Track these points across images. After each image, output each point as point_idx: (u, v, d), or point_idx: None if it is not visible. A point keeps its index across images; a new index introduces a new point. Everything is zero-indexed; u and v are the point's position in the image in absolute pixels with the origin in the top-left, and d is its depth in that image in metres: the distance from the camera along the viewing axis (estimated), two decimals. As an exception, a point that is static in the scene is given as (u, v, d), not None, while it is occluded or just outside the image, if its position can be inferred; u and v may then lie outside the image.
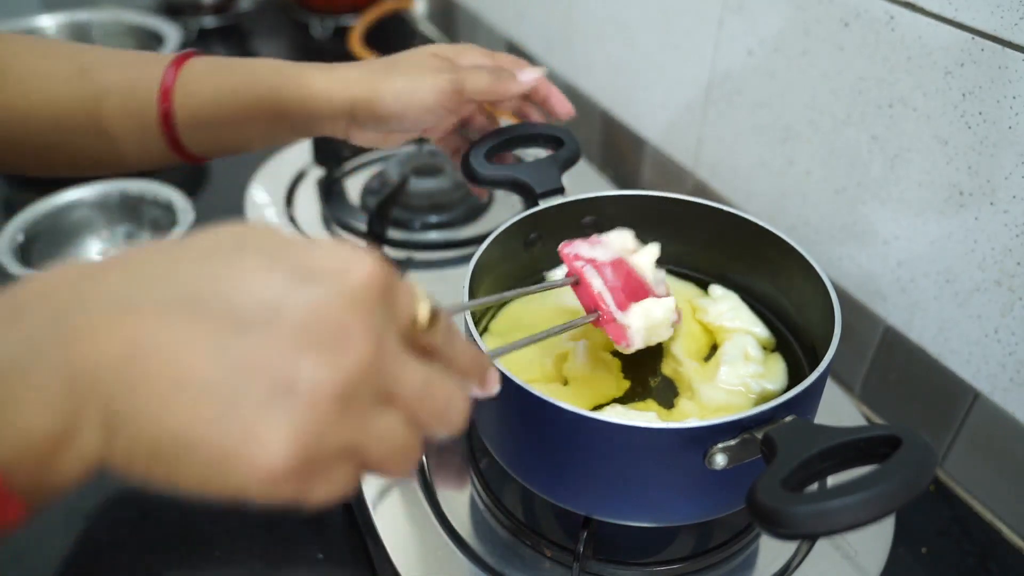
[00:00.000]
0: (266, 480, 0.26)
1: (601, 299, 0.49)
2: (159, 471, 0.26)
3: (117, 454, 0.25)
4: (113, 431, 0.25)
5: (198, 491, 0.27)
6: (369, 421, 0.28)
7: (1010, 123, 0.54)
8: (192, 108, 0.55)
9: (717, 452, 0.42)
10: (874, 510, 0.33)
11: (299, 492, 0.27)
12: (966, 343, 0.62)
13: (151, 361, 0.25)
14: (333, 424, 0.27)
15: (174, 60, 0.55)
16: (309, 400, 0.26)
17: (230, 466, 0.26)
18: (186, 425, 0.25)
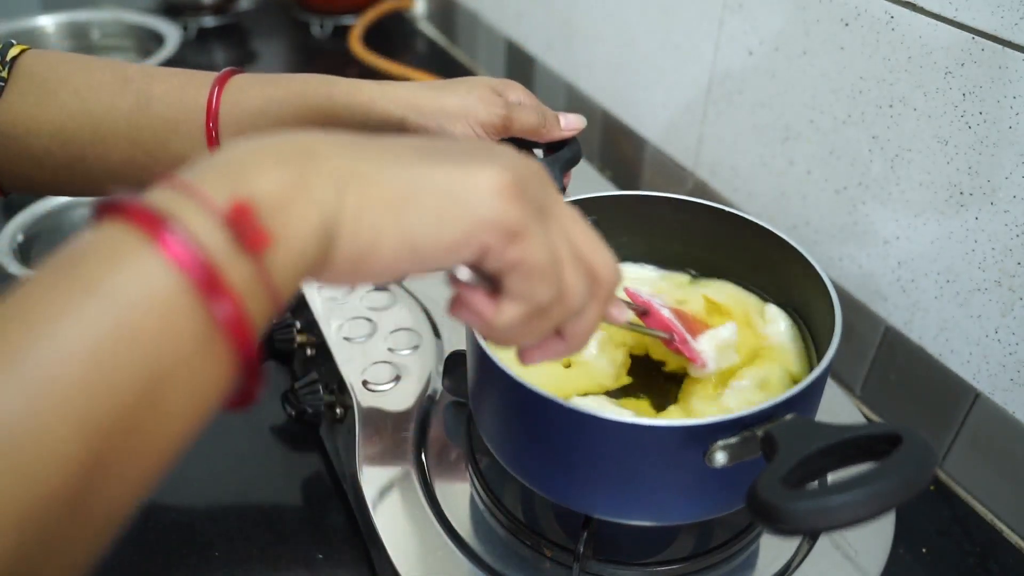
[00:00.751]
0: (497, 194, 0.30)
1: (672, 324, 0.52)
2: (393, 217, 0.29)
3: (351, 206, 0.28)
4: (345, 187, 0.29)
5: (433, 231, 0.30)
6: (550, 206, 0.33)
7: (1010, 123, 0.54)
8: (238, 119, 0.55)
9: (717, 450, 0.42)
10: (874, 507, 0.34)
11: (523, 219, 0.31)
12: (966, 343, 0.62)
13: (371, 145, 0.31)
14: (528, 177, 0.32)
15: (219, 76, 0.55)
16: (509, 159, 0.32)
17: (464, 190, 0.30)
18: (418, 169, 0.30)
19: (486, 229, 0.30)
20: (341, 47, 1.32)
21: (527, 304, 0.33)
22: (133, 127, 0.53)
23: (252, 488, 0.63)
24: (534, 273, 0.32)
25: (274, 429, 0.68)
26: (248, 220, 0.26)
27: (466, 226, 0.30)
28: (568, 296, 0.34)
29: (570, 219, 0.34)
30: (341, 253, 0.29)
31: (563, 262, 0.33)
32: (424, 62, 1.31)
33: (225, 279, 0.25)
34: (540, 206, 0.32)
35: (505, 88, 0.60)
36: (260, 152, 0.28)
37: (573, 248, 0.34)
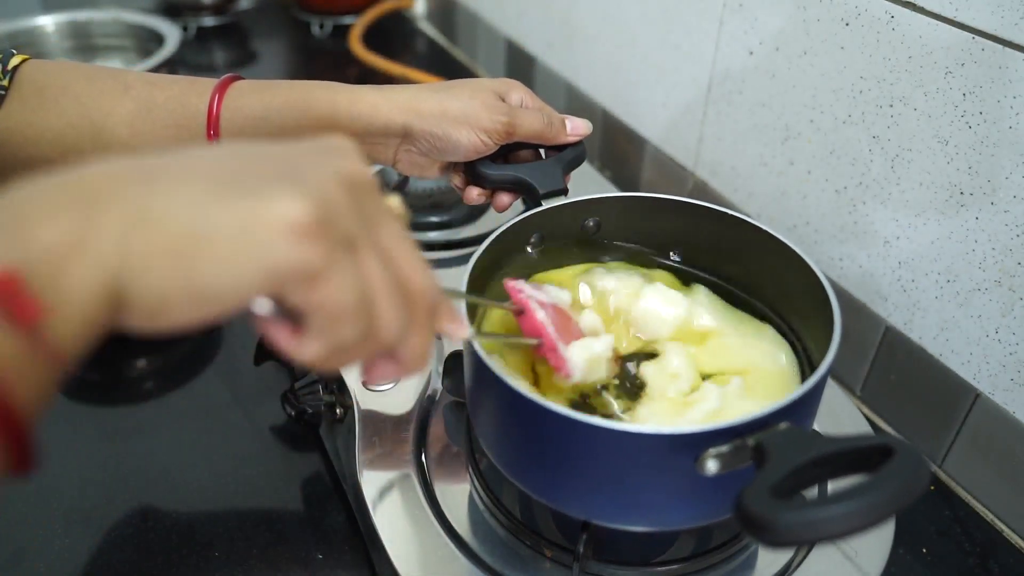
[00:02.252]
0: (292, 232, 0.27)
1: (544, 329, 0.50)
2: (180, 269, 0.27)
3: (136, 260, 0.26)
4: (129, 237, 0.26)
5: (223, 279, 0.27)
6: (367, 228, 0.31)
7: (1010, 123, 0.54)
8: (239, 124, 0.54)
9: (709, 458, 0.41)
10: (861, 520, 0.33)
11: (323, 259, 0.28)
12: (967, 343, 0.62)
13: (164, 173, 0.28)
14: (339, 200, 0.29)
15: (220, 82, 0.55)
16: (315, 178, 0.29)
17: (254, 232, 0.27)
18: (206, 207, 0.27)
19: (278, 274, 0.27)
20: (341, 47, 1.31)
21: (331, 342, 0.30)
22: (134, 134, 0.53)
23: (252, 488, 0.63)
24: (336, 315, 0.29)
25: (274, 429, 0.67)
26: (15, 292, 0.24)
27: (256, 272, 0.27)
28: (380, 330, 0.31)
29: (391, 238, 0.32)
30: (131, 308, 0.27)
31: (374, 296, 0.30)
32: (424, 62, 1.31)
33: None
34: (348, 237, 0.29)
35: (508, 90, 0.60)
36: (40, 199, 0.26)
37: (390, 274, 0.31)
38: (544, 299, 0.52)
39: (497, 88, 0.59)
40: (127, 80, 0.54)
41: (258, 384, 0.71)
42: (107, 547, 0.58)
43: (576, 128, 0.61)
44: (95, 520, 0.60)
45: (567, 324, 0.53)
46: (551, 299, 0.54)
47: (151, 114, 0.53)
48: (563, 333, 0.52)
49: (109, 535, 0.59)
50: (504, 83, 0.60)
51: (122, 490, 0.62)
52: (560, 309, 0.54)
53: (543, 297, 0.53)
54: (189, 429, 0.67)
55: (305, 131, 0.55)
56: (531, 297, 0.51)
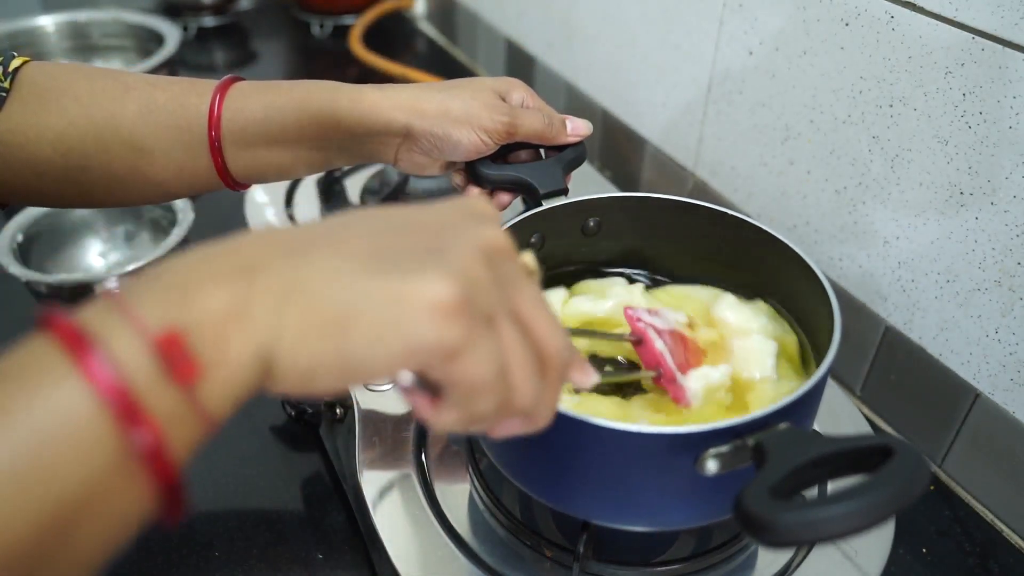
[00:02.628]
0: (438, 312, 0.29)
1: (663, 359, 0.50)
2: (330, 343, 0.28)
3: (289, 330, 0.28)
4: (284, 308, 0.28)
5: (370, 354, 0.28)
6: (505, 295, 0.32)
7: (1010, 123, 0.54)
8: (241, 126, 0.54)
9: (709, 458, 0.41)
10: (861, 521, 0.33)
11: (464, 339, 0.29)
12: (967, 343, 0.62)
13: (316, 245, 0.30)
14: (481, 276, 0.31)
15: (221, 83, 0.55)
16: (458, 253, 0.31)
17: (402, 311, 0.28)
18: (356, 284, 0.29)
19: (423, 351, 0.29)
20: (341, 47, 1.31)
21: (468, 412, 0.32)
22: (135, 136, 0.53)
23: (252, 488, 0.63)
24: (472, 390, 0.31)
25: (274, 429, 0.68)
26: (178, 350, 0.26)
27: (403, 348, 0.29)
28: (515, 400, 0.32)
29: (527, 304, 0.33)
30: (281, 377, 0.28)
31: (510, 368, 0.32)
32: (424, 62, 1.31)
33: (146, 408, 0.25)
34: (488, 312, 0.31)
35: (509, 89, 0.59)
36: (201, 269, 0.28)
37: (526, 342, 0.32)
38: (661, 325, 0.52)
39: (498, 87, 0.59)
40: (128, 81, 0.54)
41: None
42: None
43: (576, 128, 0.61)
44: (95, 520, 0.60)
45: (685, 348, 0.53)
46: (668, 324, 0.53)
47: (152, 115, 0.53)
48: (681, 360, 0.51)
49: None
50: (505, 82, 0.60)
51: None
52: (678, 333, 0.53)
53: (660, 324, 0.52)
54: (189, 429, 0.67)
55: (306, 130, 0.55)
56: (649, 326, 0.51)
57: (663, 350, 0.51)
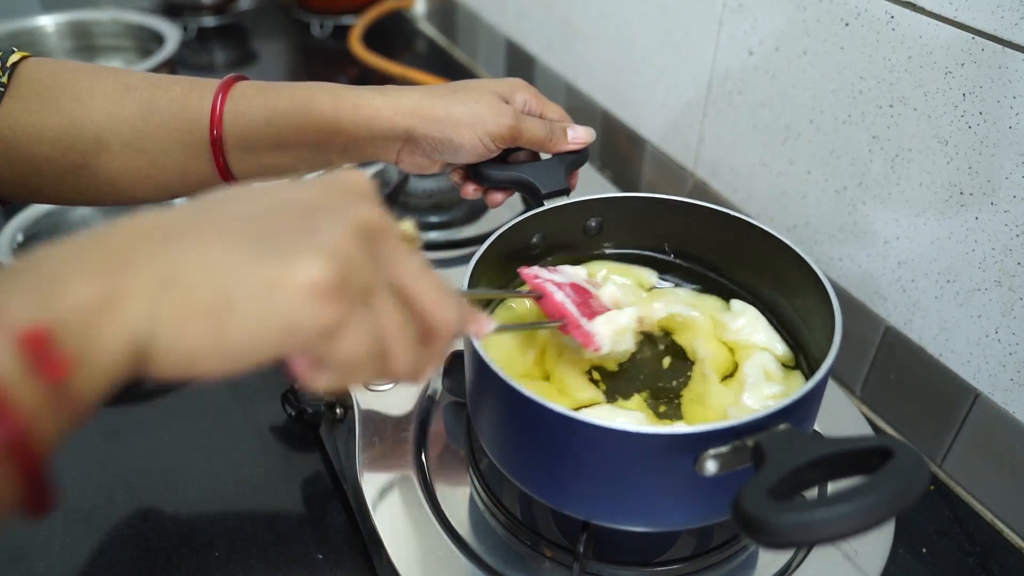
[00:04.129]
0: (313, 294, 0.29)
1: (564, 307, 0.51)
2: (208, 330, 0.28)
3: (165, 320, 0.27)
4: (158, 298, 0.27)
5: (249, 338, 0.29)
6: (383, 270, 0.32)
7: (1010, 123, 0.54)
8: (243, 127, 0.54)
9: (708, 459, 0.41)
10: (859, 522, 0.33)
11: (341, 317, 0.30)
12: (966, 343, 0.62)
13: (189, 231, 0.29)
14: (355, 255, 0.31)
15: (222, 83, 0.55)
16: (332, 233, 0.30)
17: (277, 295, 0.29)
18: (231, 270, 0.28)
19: (300, 333, 0.29)
20: (341, 47, 1.31)
21: (345, 379, 0.32)
22: (136, 135, 0.53)
23: (252, 488, 0.63)
24: (350, 364, 0.31)
25: (274, 429, 0.68)
26: (44, 348, 0.25)
27: (280, 332, 0.29)
28: (393, 368, 0.33)
29: (407, 276, 0.33)
30: (159, 365, 0.28)
31: (388, 342, 0.32)
32: (424, 62, 1.31)
33: (10, 402, 0.25)
34: (365, 289, 0.31)
35: (512, 91, 0.59)
36: (71, 260, 0.28)
37: (407, 314, 0.33)
38: (560, 280, 0.53)
39: (501, 91, 0.59)
40: (129, 81, 0.54)
41: (258, 384, 0.71)
42: (107, 547, 0.58)
43: (578, 136, 0.61)
44: (95, 520, 0.60)
45: (587, 299, 0.54)
46: (567, 278, 0.54)
47: (153, 115, 0.53)
48: (584, 309, 0.52)
49: (109, 535, 0.59)
50: (508, 84, 0.60)
51: (122, 490, 0.62)
52: (578, 285, 0.54)
53: (559, 278, 0.53)
54: (189, 429, 0.67)
55: (308, 135, 0.55)
56: (547, 280, 0.52)
57: (564, 300, 0.51)
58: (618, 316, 0.53)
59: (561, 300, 0.51)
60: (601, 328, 0.52)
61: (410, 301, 0.33)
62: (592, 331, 0.51)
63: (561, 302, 0.51)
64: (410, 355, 0.33)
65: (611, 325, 0.52)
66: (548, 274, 0.53)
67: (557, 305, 0.51)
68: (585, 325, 0.51)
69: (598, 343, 0.51)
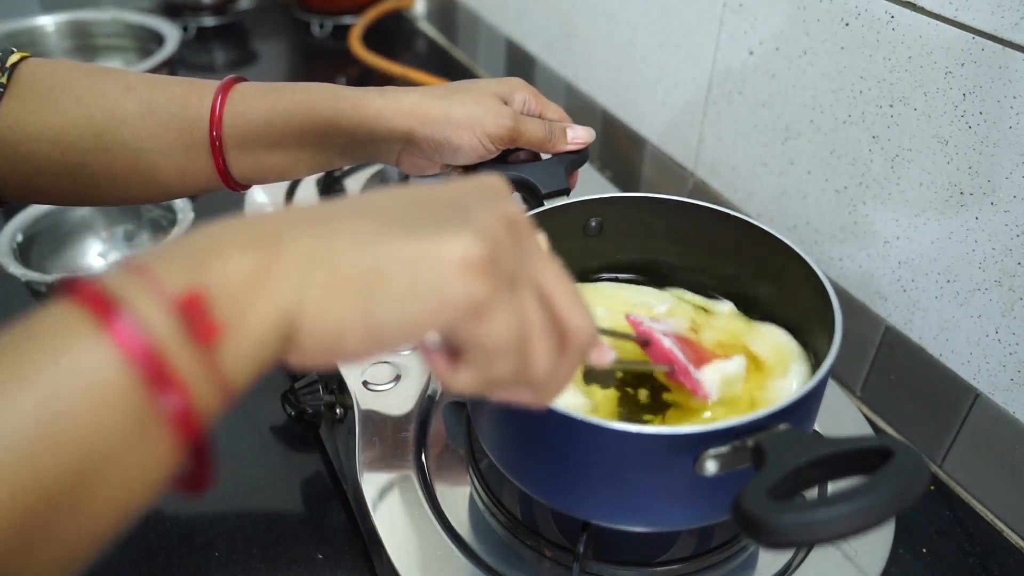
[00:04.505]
0: (465, 268, 0.29)
1: (673, 354, 0.51)
2: (356, 304, 0.28)
3: (313, 294, 0.28)
4: (308, 274, 0.28)
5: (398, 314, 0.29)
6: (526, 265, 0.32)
7: (1011, 123, 0.54)
8: (242, 129, 0.54)
9: (708, 459, 0.41)
10: (859, 522, 0.33)
11: (491, 295, 0.30)
12: (967, 343, 0.62)
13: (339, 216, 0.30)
14: (504, 240, 0.31)
15: (222, 84, 0.55)
16: (481, 218, 0.31)
17: (429, 268, 0.29)
18: (381, 246, 0.29)
19: (450, 309, 0.29)
20: (341, 47, 1.31)
21: (485, 375, 0.32)
22: (136, 136, 0.53)
23: (252, 488, 0.63)
24: (494, 351, 0.31)
25: (274, 429, 0.67)
26: (199, 311, 0.26)
27: (431, 307, 0.29)
28: (532, 368, 0.33)
29: (549, 277, 0.33)
30: (305, 344, 0.28)
31: (530, 334, 0.32)
32: (424, 62, 1.31)
33: (172, 369, 0.25)
34: (512, 275, 0.31)
35: (512, 92, 0.59)
36: (225, 237, 0.28)
37: (546, 312, 0.33)
38: (664, 328, 0.53)
39: (501, 91, 0.59)
40: (129, 81, 0.54)
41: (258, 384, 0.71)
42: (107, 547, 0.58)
43: (577, 137, 0.61)
44: (95, 520, 0.60)
45: (692, 349, 0.53)
46: (670, 328, 0.54)
47: (153, 116, 0.53)
48: (691, 355, 0.52)
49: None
50: (508, 84, 0.60)
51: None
52: (683, 337, 0.54)
53: (662, 327, 0.53)
54: (189, 429, 0.67)
55: (307, 136, 0.55)
56: (653, 329, 0.52)
57: (672, 346, 0.51)
58: (727, 365, 0.53)
59: (669, 347, 0.51)
60: (709, 376, 0.52)
61: (548, 301, 0.33)
62: (700, 379, 0.51)
63: (669, 349, 0.51)
64: (550, 355, 0.33)
65: (719, 373, 0.52)
66: (652, 323, 0.53)
67: (666, 352, 0.51)
68: (694, 373, 0.51)
69: (706, 390, 0.51)
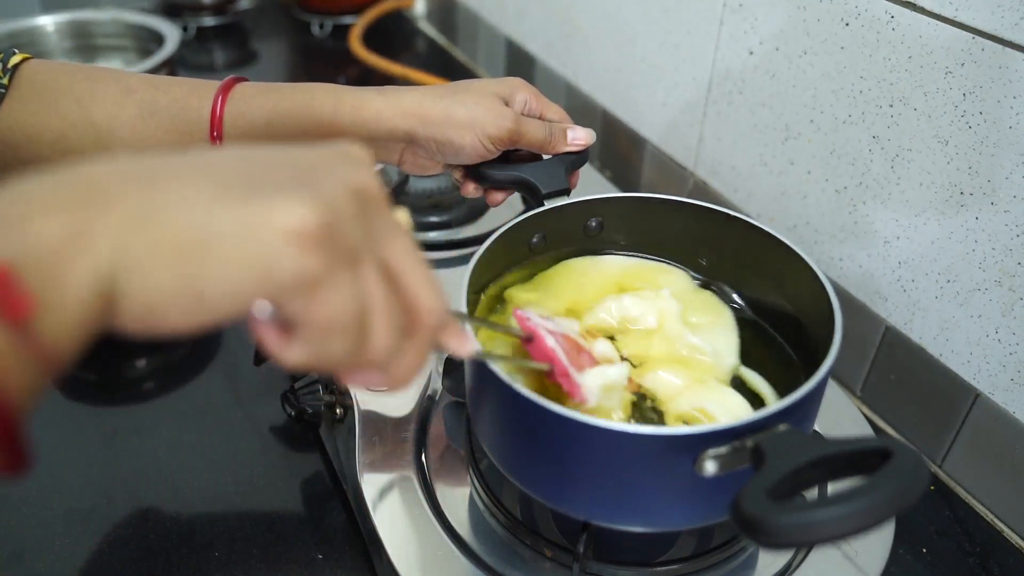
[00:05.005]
0: (295, 238, 0.27)
1: (554, 354, 0.50)
2: (179, 270, 0.26)
3: (135, 258, 0.26)
4: (130, 236, 0.26)
5: (222, 282, 0.27)
6: (373, 241, 0.30)
7: (1011, 123, 0.54)
8: (243, 129, 0.54)
9: (707, 459, 0.41)
10: (858, 523, 0.33)
11: (324, 270, 0.28)
12: (967, 343, 0.62)
13: (167, 173, 0.28)
14: (346, 212, 0.29)
15: (223, 85, 0.55)
16: (324, 186, 0.29)
17: (258, 235, 0.27)
18: (208, 209, 0.27)
19: (278, 280, 0.27)
20: (341, 47, 1.31)
21: (318, 351, 0.30)
22: (136, 137, 0.53)
23: (252, 488, 0.63)
24: (327, 328, 0.29)
25: (274, 429, 0.67)
26: (7, 285, 0.24)
27: (258, 276, 0.27)
28: (369, 348, 0.31)
29: (399, 254, 0.31)
30: (126, 308, 0.26)
31: (369, 313, 0.30)
32: (424, 62, 1.31)
33: None
34: (353, 249, 0.29)
35: (513, 92, 0.59)
36: (38, 195, 0.26)
37: (392, 292, 0.31)
38: (553, 327, 0.52)
39: (501, 92, 0.59)
40: (129, 83, 0.54)
41: (258, 384, 0.71)
42: (107, 547, 0.58)
43: (577, 138, 0.61)
44: (95, 520, 0.60)
45: (578, 352, 0.53)
46: (560, 328, 0.53)
47: (153, 117, 0.53)
48: (574, 360, 0.51)
49: (109, 535, 0.59)
50: (508, 84, 0.60)
51: (122, 490, 0.62)
52: (570, 337, 0.53)
53: (552, 326, 0.52)
54: (189, 429, 0.67)
55: (309, 136, 0.55)
56: (539, 325, 0.51)
57: (554, 346, 0.50)
58: (608, 371, 0.52)
59: (551, 346, 0.50)
60: (590, 381, 0.51)
61: (396, 279, 0.31)
62: (580, 382, 0.50)
63: (552, 348, 0.50)
64: (390, 339, 0.31)
65: (600, 379, 0.51)
66: (540, 320, 0.52)
67: (547, 351, 0.50)
68: (574, 375, 0.50)
69: (584, 395, 0.50)
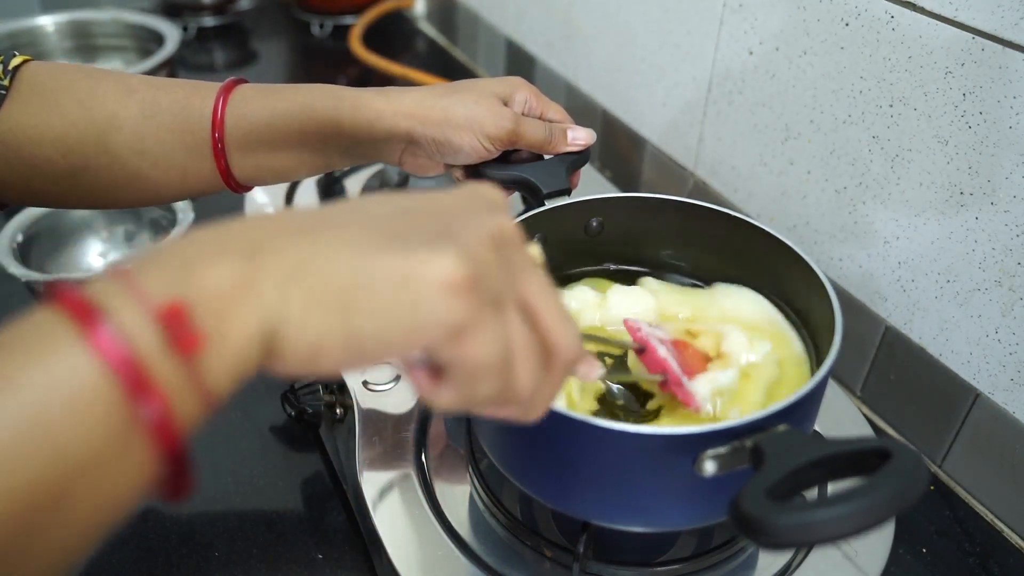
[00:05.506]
0: (447, 289, 0.29)
1: (667, 364, 0.50)
2: (337, 319, 0.28)
3: (295, 306, 0.28)
4: (290, 285, 0.28)
5: (377, 330, 0.29)
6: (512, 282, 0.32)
7: (1011, 123, 0.54)
8: (244, 130, 0.54)
9: (707, 459, 0.41)
10: (858, 523, 0.33)
11: (472, 317, 0.30)
12: (967, 343, 0.62)
13: (324, 226, 0.30)
14: (489, 260, 0.31)
15: (223, 86, 0.55)
16: (467, 235, 0.31)
17: (411, 286, 0.29)
18: (364, 261, 0.29)
19: (431, 328, 0.29)
20: (341, 47, 1.31)
21: (467, 394, 0.32)
22: (137, 138, 0.53)
23: (252, 488, 0.63)
24: (477, 371, 0.31)
25: (274, 429, 0.67)
26: (181, 321, 0.26)
27: (411, 325, 0.29)
28: (515, 387, 0.32)
29: (535, 293, 0.33)
30: (286, 354, 0.28)
31: (514, 354, 0.32)
32: (424, 62, 1.31)
33: (152, 378, 0.25)
34: (497, 295, 0.31)
35: (513, 92, 0.59)
36: (210, 245, 0.28)
37: (531, 329, 0.32)
38: (663, 335, 0.52)
39: (501, 91, 0.59)
40: (130, 84, 0.54)
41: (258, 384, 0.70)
42: (107, 547, 0.58)
43: (577, 139, 0.61)
44: (95, 520, 0.60)
45: (690, 357, 0.53)
46: (670, 335, 0.53)
47: (155, 118, 0.53)
48: (686, 367, 0.51)
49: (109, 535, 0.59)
50: (508, 84, 0.60)
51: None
52: (681, 343, 0.53)
53: (662, 334, 0.52)
54: (189, 429, 0.67)
55: (309, 137, 0.55)
56: (650, 335, 0.51)
57: (667, 356, 0.51)
58: (719, 376, 0.52)
59: (664, 356, 0.50)
60: (701, 388, 0.51)
61: (534, 317, 0.33)
62: (692, 391, 0.50)
63: (664, 358, 0.50)
64: (533, 375, 0.32)
65: (711, 385, 0.51)
66: (649, 328, 0.53)
67: (660, 361, 0.50)
68: (686, 384, 0.50)
69: (698, 403, 0.50)
